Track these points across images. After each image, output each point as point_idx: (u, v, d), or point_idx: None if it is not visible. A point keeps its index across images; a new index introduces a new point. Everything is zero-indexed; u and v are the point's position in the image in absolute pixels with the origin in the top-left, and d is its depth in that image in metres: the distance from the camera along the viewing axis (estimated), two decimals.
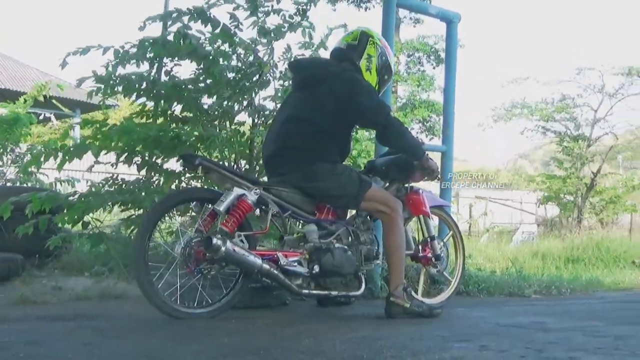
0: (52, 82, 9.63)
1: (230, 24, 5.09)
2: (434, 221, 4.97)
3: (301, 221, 4.14)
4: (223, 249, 3.58)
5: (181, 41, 4.87)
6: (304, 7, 5.26)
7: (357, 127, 4.40)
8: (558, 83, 19.75)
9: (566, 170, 18.62)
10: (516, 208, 21.64)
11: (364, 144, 14.22)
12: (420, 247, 4.71)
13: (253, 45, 5.23)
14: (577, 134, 19.16)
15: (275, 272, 3.82)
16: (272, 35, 5.25)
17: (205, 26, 5.04)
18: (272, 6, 5.22)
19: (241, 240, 3.79)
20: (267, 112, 5.46)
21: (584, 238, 13.55)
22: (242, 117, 5.60)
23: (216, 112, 5.42)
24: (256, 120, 5.47)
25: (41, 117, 17.41)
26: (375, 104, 4.15)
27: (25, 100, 8.78)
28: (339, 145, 4.18)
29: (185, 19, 4.97)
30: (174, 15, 4.94)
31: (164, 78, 5.32)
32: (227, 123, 5.46)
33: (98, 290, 4.44)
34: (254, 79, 5.25)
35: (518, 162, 53.23)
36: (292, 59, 5.23)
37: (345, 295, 4.30)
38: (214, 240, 3.57)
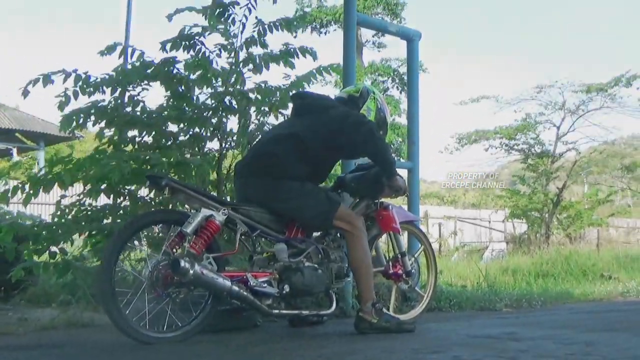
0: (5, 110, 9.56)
1: (211, 52, 5.14)
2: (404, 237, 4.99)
3: (271, 240, 4.11)
4: (191, 272, 3.54)
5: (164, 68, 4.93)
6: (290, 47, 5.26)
7: (345, 151, 4.42)
8: (519, 102, 19.94)
9: (530, 186, 18.83)
10: (485, 226, 21.78)
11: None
12: (390, 264, 4.71)
13: (227, 73, 5.22)
14: (540, 150, 19.39)
15: (245, 293, 3.78)
16: (251, 64, 5.25)
17: (188, 52, 5.06)
18: (253, 37, 5.24)
19: (209, 263, 3.76)
20: (234, 138, 5.45)
21: (553, 253, 13.67)
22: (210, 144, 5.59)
23: (186, 139, 5.39)
24: (225, 145, 5.45)
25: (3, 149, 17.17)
26: (361, 117, 4.25)
27: None
28: (317, 168, 4.19)
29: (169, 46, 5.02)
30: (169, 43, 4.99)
31: (127, 107, 5.28)
32: (196, 148, 5.43)
33: (65, 319, 4.35)
34: (228, 105, 5.24)
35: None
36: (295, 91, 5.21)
37: (317, 314, 4.28)
38: (182, 264, 3.52)
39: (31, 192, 4.83)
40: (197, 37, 5.11)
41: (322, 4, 21.64)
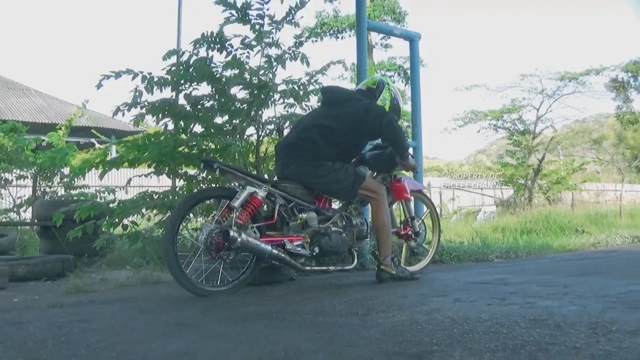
0: (85, 112, 9.76)
1: (240, 52, 5.10)
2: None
3: (303, 209, 4.13)
4: (239, 240, 3.60)
5: (205, 65, 4.89)
6: (300, 39, 5.22)
7: (369, 137, 4.42)
8: (505, 89, 19.71)
9: (518, 159, 18.70)
10: (478, 193, 21.62)
11: None
12: (402, 226, 4.74)
13: (258, 71, 5.21)
14: (523, 129, 19.23)
15: (283, 255, 3.83)
16: (275, 62, 5.21)
17: (221, 53, 5.05)
18: (274, 38, 5.20)
19: (254, 231, 3.81)
20: (270, 127, 5.45)
21: (535, 213, 13.51)
22: (249, 131, 5.58)
23: (228, 128, 5.39)
24: (261, 133, 5.45)
25: (82, 144, 17.36)
26: (381, 110, 4.25)
27: (60, 129, 8.90)
28: (346, 150, 4.19)
29: (203, 50, 4.99)
30: (196, 44, 4.95)
31: (182, 101, 5.29)
32: (237, 136, 5.44)
33: (137, 279, 4.41)
34: (261, 98, 5.22)
35: (477, 157, 53.29)
36: (323, 86, 5.16)
37: (342, 269, 4.33)
38: (231, 233, 3.58)
39: (106, 168, 4.95)
40: (226, 40, 5.06)
41: (337, 14, 21.50)
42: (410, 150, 5.24)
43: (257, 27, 5.04)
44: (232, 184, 4.19)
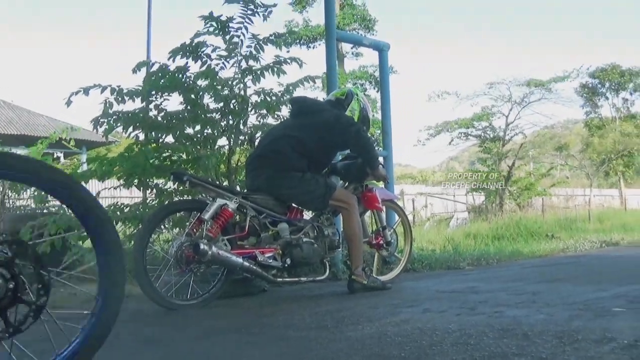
0: (61, 126, 9.61)
1: (215, 63, 5.08)
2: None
3: (275, 221, 4.10)
4: (209, 253, 3.56)
5: (176, 75, 4.85)
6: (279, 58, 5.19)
7: (338, 147, 4.42)
8: (475, 96, 19.95)
9: (488, 166, 18.93)
10: (450, 200, 21.78)
11: None
12: (374, 236, 4.74)
13: (232, 82, 5.17)
14: (493, 135, 19.48)
15: (254, 267, 3.79)
16: (250, 75, 5.19)
17: (195, 62, 5.01)
18: (252, 52, 5.17)
19: (225, 244, 3.77)
20: (241, 137, 5.42)
21: (506, 219, 13.66)
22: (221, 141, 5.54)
23: (199, 138, 5.35)
24: (232, 143, 5.42)
25: (55, 157, 17.15)
26: (350, 120, 4.25)
27: (41, 143, 8.78)
28: (315, 161, 4.17)
29: (177, 59, 4.95)
30: (174, 54, 4.91)
31: (152, 112, 5.23)
32: (209, 147, 5.40)
33: None
34: (233, 108, 5.19)
35: (450, 164, 53.76)
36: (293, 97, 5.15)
37: (313, 280, 4.30)
38: (202, 246, 3.53)
39: None
40: (202, 50, 5.04)
41: (308, 23, 21.54)
42: (381, 160, 5.26)
43: (235, 39, 5.03)
44: (203, 196, 4.15)
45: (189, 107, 5.20)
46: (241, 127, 5.31)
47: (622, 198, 26.33)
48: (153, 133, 5.22)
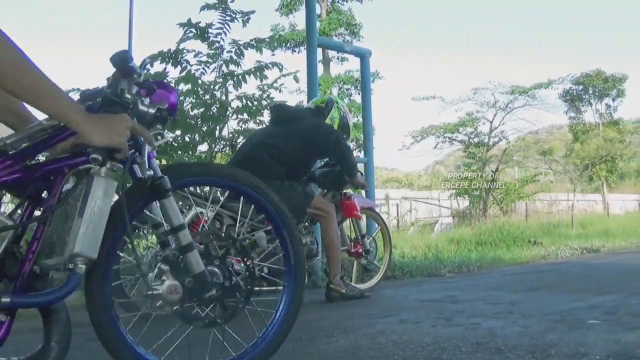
0: None
1: (195, 68, 5.04)
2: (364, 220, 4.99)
3: (252, 229, 4.07)
4: None
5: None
6: (261, 63, 5.16)
7: (317, 155, 4.41)
8: (460, 102, 20.02)
9: (473, 172, 19.01)
10: (435, 204, 21.85)
11: None
12: (353, 244, 4.71)
13: (213, 87, 5.14)
14: (477, 141, 19.57)
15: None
16: (232, 79, 5.15)
17: (175, 68, 4.98)
18: (232, 57, 5.14)
19: None
20: (222, 142, 5.39)
21: (490, 224, 13.71)
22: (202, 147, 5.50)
23: (180, 144, 5.31)
24: (214, 148, 5.39)
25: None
26: (329, 128, 4.25)
27: None
28: (294, 168, 4.14)
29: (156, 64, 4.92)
30: (153, 59, 4.87)
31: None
32: (190, 152, 5.35)
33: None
34: (213, 114, 5.15)
35: (436, 168, 53.97)
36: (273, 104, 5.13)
37: None
38: None
39: None
40: (182, 56, 5.01)
41: (294, 27, 21.54)
42: (361, 167, 5.25)
43: (216, 44, 5.00)
44: (180, 204, 4.11)
45: None
46: (222, 132, 5.29)
47: (605, 203, 26.52)
48: None
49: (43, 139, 1.49)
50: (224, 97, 5.23)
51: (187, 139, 5.23)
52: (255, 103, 5.18)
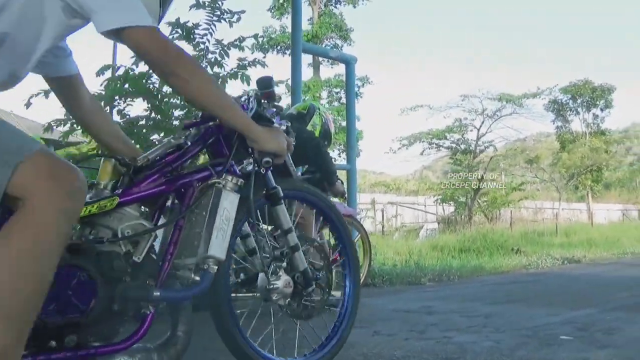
0: (28, 125, 9.41)
1: None
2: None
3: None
4: None
5: (141, 80, 4.76)
6: (244, 62, 5.12)
7: (297, 162, 4.39)
8: (448, 108, 20.09)
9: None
10: (421, 210, 21.90)
11: None
12: (331, 252, 4.68)
13: None
14: (464, 147, 19.64)
15: None
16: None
17: None
18: (217, 59, 5.09)
19: None
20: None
21: (474, 232, 13.75)
22: None
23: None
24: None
25: None
26: (310, 135, 4.25)
27: None
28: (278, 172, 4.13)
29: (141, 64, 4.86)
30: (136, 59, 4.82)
31: (116, 117, 5.13)
32: None
33: None
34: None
35: (424, 172, 54.10)
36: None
37: None
38: None
39: None
40: None
41: (284, 30, 21.47)
42: (344, 175, 5.23)
43: (202, 46, 4.96)
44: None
45: (153, 114, 5.12)
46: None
47: (590, 212, 26.70)
48: None
49: (178, 155, 1.76)
50: None
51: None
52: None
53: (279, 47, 21.41)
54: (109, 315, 1.56)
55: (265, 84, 2.01)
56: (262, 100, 1.96)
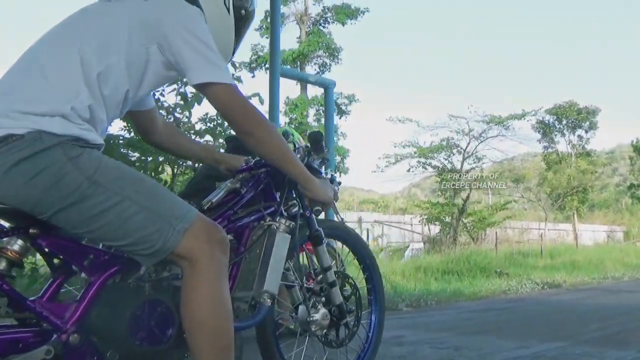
0: None
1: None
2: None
3: None
4: None
5: None
6: None
7: None
8: (435, 127, 20.12)
9: (446, 198, 19.13)
10: (407, 230, 21.88)
11: None
12: (309, 275, 4.65)
13: (171, 109, 5.06)
14: (451, 168, 19.70)
15: None
16: (191, 101, 5.08)
17: None
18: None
19: None
20: (184, 163, 5.31)
21: (458, 253, 13.71)
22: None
23: (142, 165, 5.21)
24: (176, 171, 5.30)
25: None
26: None
27: None
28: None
29: None
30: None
31: None
32: (151, 174, 5.26)
33: None
34: None
35: (412, 190, 54.20)
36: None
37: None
38: None
39: None
40: None
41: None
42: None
43: None
44: None
45: (130, 134, 5.08)
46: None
47: (575, 234, 26.81)
48: None
49: (236, 200, 1.99)
50: (185, 119, 5.17)
51: (148, 160, 5.15)
52: (218, 124, 5.13)
53: (266, 65, 21.47)
54: (181, 343, 1.69)
55: (316, 139, 2.31)
56: (312, 153, 2.23)
